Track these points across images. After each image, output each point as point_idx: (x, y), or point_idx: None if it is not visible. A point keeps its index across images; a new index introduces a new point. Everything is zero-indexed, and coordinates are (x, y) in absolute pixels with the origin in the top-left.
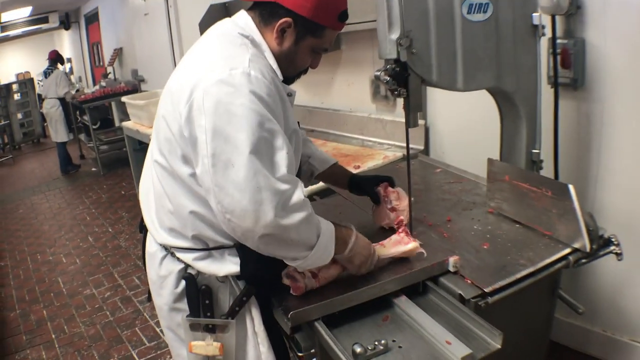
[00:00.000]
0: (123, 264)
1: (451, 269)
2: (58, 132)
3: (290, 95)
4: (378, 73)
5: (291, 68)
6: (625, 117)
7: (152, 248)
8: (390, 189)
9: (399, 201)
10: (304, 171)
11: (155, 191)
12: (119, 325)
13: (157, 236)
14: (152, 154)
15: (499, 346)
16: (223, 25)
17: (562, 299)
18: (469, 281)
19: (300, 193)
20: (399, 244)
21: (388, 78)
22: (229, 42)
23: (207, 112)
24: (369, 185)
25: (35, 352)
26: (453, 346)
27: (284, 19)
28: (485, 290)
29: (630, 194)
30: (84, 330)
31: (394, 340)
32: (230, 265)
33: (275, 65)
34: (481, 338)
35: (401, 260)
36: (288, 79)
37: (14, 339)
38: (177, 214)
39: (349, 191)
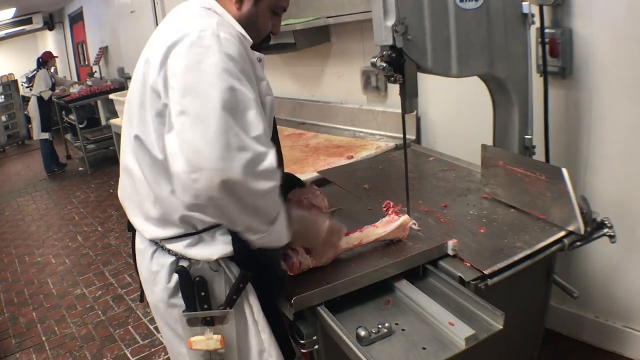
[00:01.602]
0: (114, 262)
1: (450, 252)
2: (35, 130)
3: (260, 60)
4: (374, 60)
5: (254, 32)
6: (612, 105)
7: (141, 245)
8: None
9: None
10: None
11: (135, 183)
12: (111, 324)
13: (144, 231)
14: (127, 143)
15: (501, 327)
16: (184, 4)
17: (557, 283)
18: (468, 264)
19: (272, 159)
20: (390, 223)
21: (384, 64)
22: (194, 15)
23: (178, 74)
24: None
25: (26, 355)
26: (456, 327)
27: None
28: (485, 272)
29: (619, 179)
30: (75, 330)
31: (396, 324)
32: (222, 246)
33: (242, 31)
34: (483, 319)
35: (400, 245)
36: (253, 46)
37: (3, 343)
38: (160, 200)
39: None
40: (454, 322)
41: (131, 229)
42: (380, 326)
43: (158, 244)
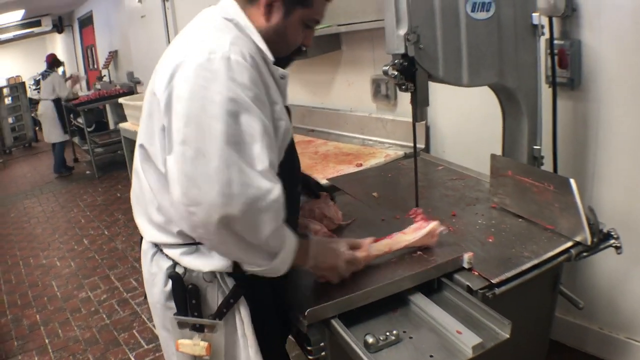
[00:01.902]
0: (120, 266)
1: (465, 265)
2: (52, 133)
3: (283, 78)
4: (386, 68)
5: (283, 45)
6: (620, 116)
7: (144, 246)
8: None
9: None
10: None
11: (142, 187)
12: (115, 328)
13: (145, 233)
14: (136, 148)
15: (508, 335)
16: (206, 12)
17: (563, 294)
18: (476, 273)
19: (277, 195)
20: (419, 229)
21: (396, 73)
22: (211, 28)
23: (182, 98)
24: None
25: (28, 357)
26: (464, 336)
27: None
28: (492, 281)
29: (626, 190)
30: (79, 334)
31: (404, 331)
32: (217, 261)
33: (264, 47)
34: (490, 328)
35: (415, 257)
36: (281, 60)
37: (5, 345)
38: (162, 209)
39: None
40: (461, 330)
41: None
42: (388, 333)
43: (158, 247)
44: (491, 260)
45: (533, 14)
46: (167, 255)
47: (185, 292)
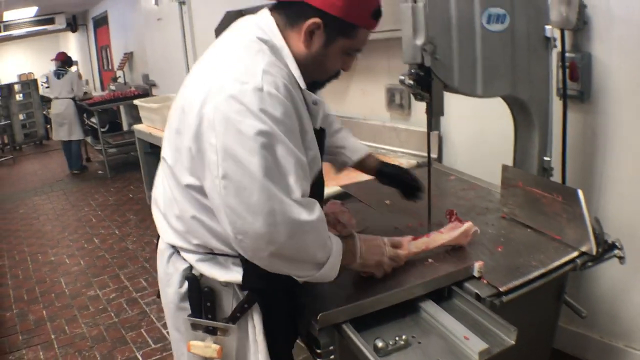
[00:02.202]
0: (130, 266)
1: (476, 274)
2: (73, 131)
3: (316, 103)
4: (402, 77)
5: (321, 72)
6: (629, 130)
7: (161, 245)
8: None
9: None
10: (337, 162)
11: (165, 192)
12: (123, 326)
13: (164, 235)
14: (163, 155)
15: (513, 342)
16: (242, 26)
17: (567, 303)
18: (485, 281)
19: (316, 215)
20: (455, 229)
21: (412, 82)
22: (244, 49)
23: (217, 131)
24: (400, 177)
25: (32, 352)
26: (470, 341)
27: (312, 20)
28: (500, 289)
29: (632, 203)
30: (86, 331)
31: (413, 336)
32: (233, 273)
33: (297, 73)
34: (496, 334)
35: (427, 264)
36: (317, 84)
37: (9, 339)
38: (182, 218)
39: (376, 177)
40: (469, 336)
41: None
42: (397, 338)
43: (175, 248)
44: (500, 268)
45: (546, 27)
46: (184, 258)
47: (201, 294)
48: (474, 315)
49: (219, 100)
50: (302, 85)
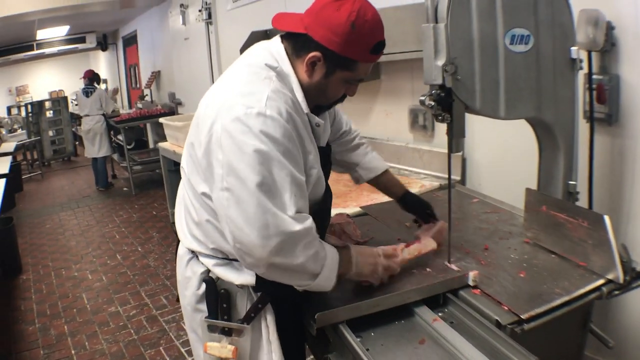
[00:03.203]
0: (151, 283)
1: (470, 282)
2: (102, 147)
3: (318, 125)
4: (423, 98)
5: (323, 99)
6: None
7: (181, 251)
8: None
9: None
10: (353, 177)
11: (184, 200)
12: (142, 344)
13: (184, 240)
14: (182, 165)
15: None
16: (255, 52)
17: (593, 332)
18: (506, 307)
19: (307, 229)
20: (430, 229)
21: (433, 103)
22: (254, 74)
23: (223, 148)
24: (421, 209)
25: None
26: None
27: (313, 53)
28: (522, 317)
29: None
30: (106, 347)
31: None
32: (247, 276)
33: (301, 98)
34: None
35: (425, 273)
36: (322, 107)
37: (31, 353)
38: (199, 224)
39: (397, 203)
40: None
41: None
42: None
43: (194, 253)
44: (522, 295)
45: (572, 48)
46: (202, 262)
47: (218, 296)
48: (494, 343)
49: (226, 121)
50: (306, 109)
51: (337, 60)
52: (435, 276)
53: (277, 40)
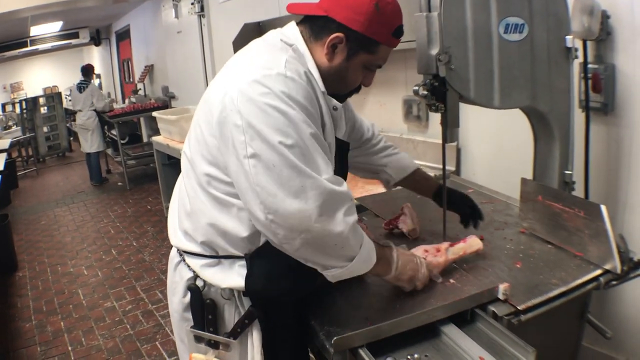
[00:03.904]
0: (146, 278)
1: (501, 296)
2: (94, 143)
3: (336, 109)
4: (416, 88)
5: (342, 85)
6: None
7: (171, 253)
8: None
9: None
10: (382, 180)
11: (179, 191)
12: (139, 339)
13: (173, 239)
14: (184, 149)
15: None
16: (268, 35)
17: (590, 323)
18: (509, 302)
19: (349, 195)
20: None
21: (426, 93)
22: (269, 46)
23: (242, 112)
24: (460, 203)
25: None
26: None
27: (335, 34)
28: (519, 308)
29: None
30: (102, 343)
31: (426, 355)
32: (236, 278)
33: (317, 76)
34: (514, 355)
35: (449, 286)
36: (339, 97)
37: (28, 350)
38: (192, 215)
39: (432, 200)
40: (484, 356)
41: None
42: (409, 357)
43: (182, 256)
44: (518, 286)
45: (567, 37)
46: (188, 266)
47: (203, 306)
48: (490, 335)
49: (242, 85)
50: (322, 88)
51: (360, 41)
52: (461, 289)
53: (292, 25)
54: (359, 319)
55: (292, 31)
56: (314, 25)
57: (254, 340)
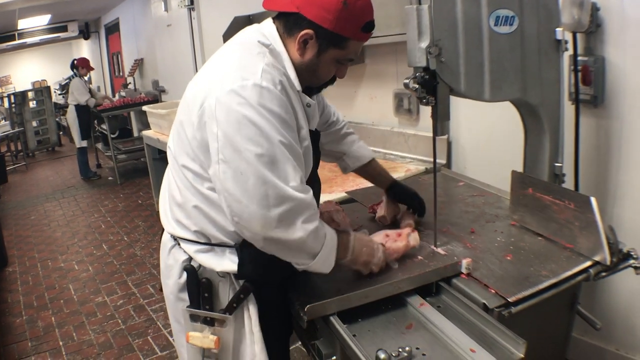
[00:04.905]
0: (138, 273)
1: (464, 270)
2: (75, 138)
3: (309, 106)
4: (407, 81)
5: (314, 79)
6: None
7: (164, 237)
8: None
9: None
10: (340, 166)
11: (169, 182)
12: (130, 333)
13: (167, 226)
14: (168, 144)
15: (522, 355)
16: (246, 33)
17: (580, 314)
18: (493, 291)
19: (309, 201)
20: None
21: (417, 86)
22: (246, 50)
23: (218, 120)
24: (409, 198)
25: (41, 358)
26: (477, 354)
27: (305, 31)
28: (509, 299)
29: None
30: (94, 337)
31: (417, 348)
32: (229, 263)
33: (293, 75)
34: (504, 347)
35: (416, 261)
36: (312, 89)
37: (19, 345)
38: (183, 206)
39: (385, 194)
40: (475, 348)
41: None
42: (400, 350)
43: (176, 240)
44: (508, 278)
45: (557, 29)
46: (183, 250)
47: (199, 285)
48: (481, 327)
49: (221, 93)
50: (298, 87)
51: (329, 38)
52: (427, 264)
53: (268, 21)
54: (332, 291)
55: (268, 29)
56: (287, 22)
57: (251, 313)
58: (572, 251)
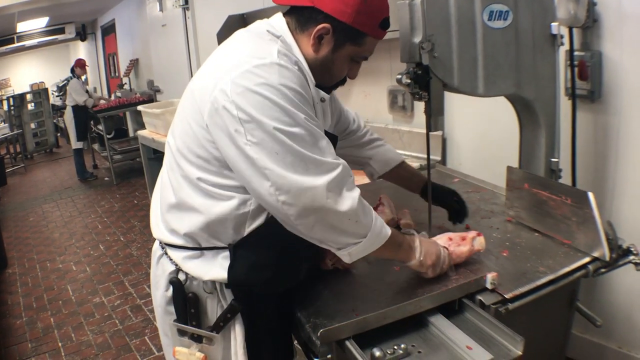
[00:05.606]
0: (134, 273)
1: (488, 285)
2: (71, 139)
3: (323, 100)
4: (400, 76)
5: (327, 77)
6: None
7: (154, 246)
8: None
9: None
10: (367, 172)
11: (162, 185)
12: (127, 334)
13: (155, 231)
14: (168, 140)
15: (520, 352)
16: (253, 26)
17: (580, 311)
18: (490, 287)
19: (350, 171)
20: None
21: (409, 81)
22: (257, 37)
23: (239, 103)
24: (447, 198)
25: None
26: (474, 352)
27: (322, 25)
28: (506, 296)
29: None
30: (92, 338)
31: (413, 345)
32: (218, 270)
33: (306, 68)
34: (502, 344)
35: (436, 277)
36: (325, 89)
37: (19, 347)
38: (177, 207)
39: (420, 196)
40: (472, 346)
41: None
42: (396, 347)
43: (164, 249)
44: (505, 274)
45: (552, 24)
46: (171, 259)
47: (185, 300)
48: (478, 324)
49: (234, 75)
50: (312, 79)
51: (346, 33)
52: (449, 278)
53: (278, 15)
54: (345, 311)
55: (278, 23)
56: (301, 16)
57: (237, 334)
58: (570, 247)
